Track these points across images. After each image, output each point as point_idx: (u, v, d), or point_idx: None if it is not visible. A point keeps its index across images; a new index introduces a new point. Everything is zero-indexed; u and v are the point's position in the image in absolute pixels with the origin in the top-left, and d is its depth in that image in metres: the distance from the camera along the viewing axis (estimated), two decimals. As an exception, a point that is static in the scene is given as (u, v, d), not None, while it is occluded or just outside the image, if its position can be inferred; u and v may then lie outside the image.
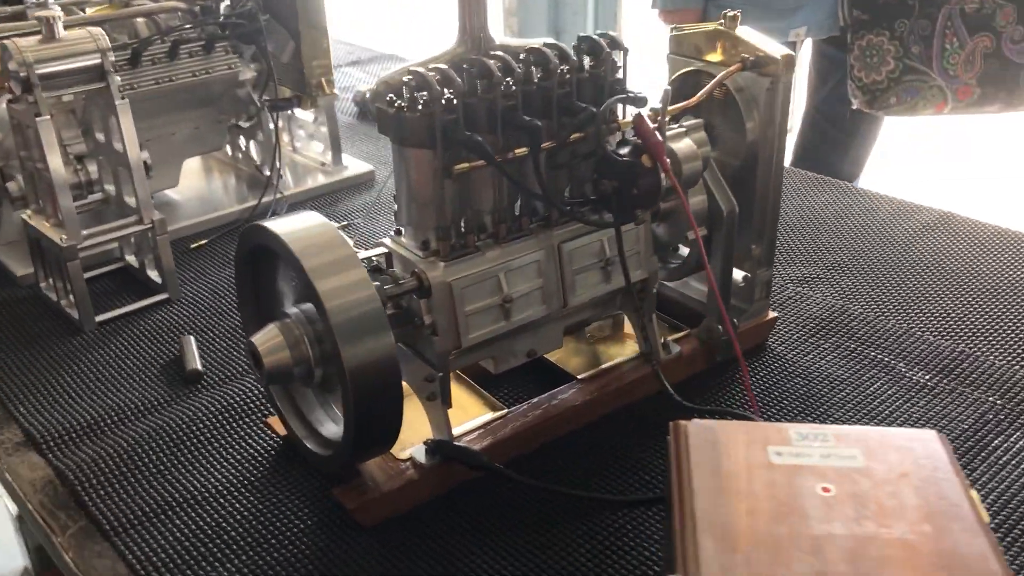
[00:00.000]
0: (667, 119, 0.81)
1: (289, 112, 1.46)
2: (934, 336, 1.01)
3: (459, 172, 0.75)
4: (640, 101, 0.80)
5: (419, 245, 0.79)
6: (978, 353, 0.98)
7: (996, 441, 0.85)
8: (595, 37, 0.81)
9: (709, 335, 0.95)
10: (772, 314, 1.01)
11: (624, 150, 0.79)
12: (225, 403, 0.93)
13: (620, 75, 0.82)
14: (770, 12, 1.75)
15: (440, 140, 0.74)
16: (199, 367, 0.98)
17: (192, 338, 1.03)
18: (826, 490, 0.55)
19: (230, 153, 1.48)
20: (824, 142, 1.99)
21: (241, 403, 0.93)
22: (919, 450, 0.58)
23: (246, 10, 1.30)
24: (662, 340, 0.93)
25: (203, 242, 1.27)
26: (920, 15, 1.75)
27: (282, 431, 0.85)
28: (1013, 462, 0.82)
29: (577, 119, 0.77)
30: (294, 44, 1.36)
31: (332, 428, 0.80)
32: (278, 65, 1.35)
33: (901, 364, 0.96)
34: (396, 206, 0.82)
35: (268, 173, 1.37)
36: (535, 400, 0.88)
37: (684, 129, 0.86)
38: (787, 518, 0.53)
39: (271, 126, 1.38)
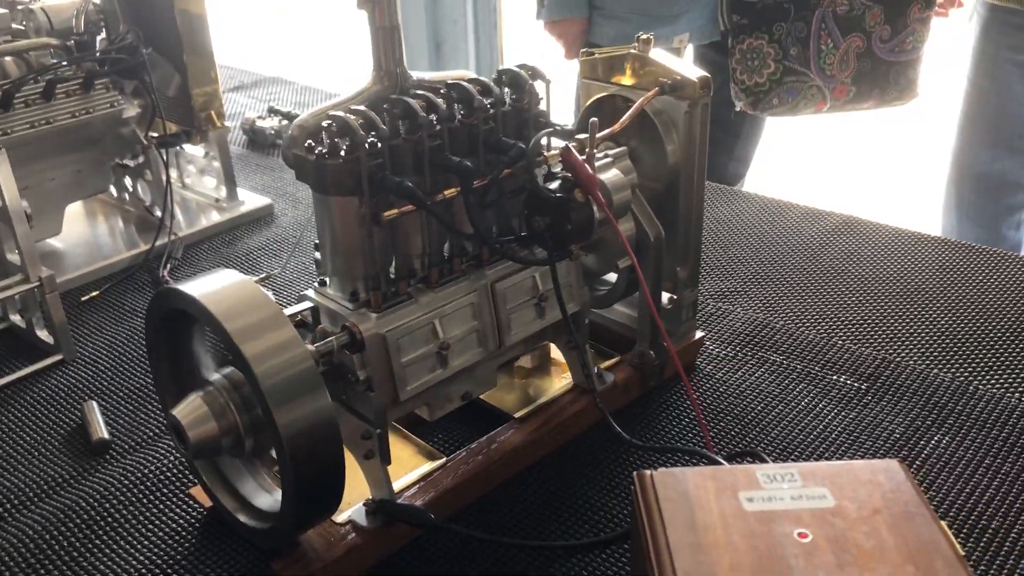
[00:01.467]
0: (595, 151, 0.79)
1: (178, 148, 1.39)
2: (855, 344, 1.03)
3: (388, 218, 0.71)
4: (567, 134, 0.78)
5: (347, 296, 0.75)
6: (899, 359, 1.00)
7: (928, 448, 0.87)
8: (516, 69, 0.79)
9: (642, 361, 0.94)
10: (699, 334, 1.01)
11: (553, 185, 0.77)
12: (139, 474, 0.86)
13: (542, 106, 0.80)
14: (653, 20, 1.77)
15: (367, 187, 0.70)
16: (106, 435, 0.91)
17: (94, 403, 0.96)
18: (803, 536, 0.54)
19: (116, 195, 1.39)
20: (710, 144, 2.03)
21: (157, 473, 0.87)
22: (886, 483, 0.58)
23: (126, 44, 1.22)
24: (595, 370, 0.91)
25: (95, 293, 1.18)
26: (796, 18, 1.80)
27: (207, 502, 0.79)
28: (947, 468, 0.84)
29: (507, 156, 0.75)
30: (179, 77, 1.29)
31: (267, 499, 0.74)
32: (163, 99, 1.28)
33: (828, 374, 0.97)
34: (318, 255, 0.78)
35: (159, 214, 1.30)
36: (474, 445, 0.84)
37: (611, 159, 0.85)
38: (771, 571, 0.51)
39: (160, 164, 1.30)
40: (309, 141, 0.71)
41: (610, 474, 0.85)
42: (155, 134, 1.29)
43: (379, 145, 0.70)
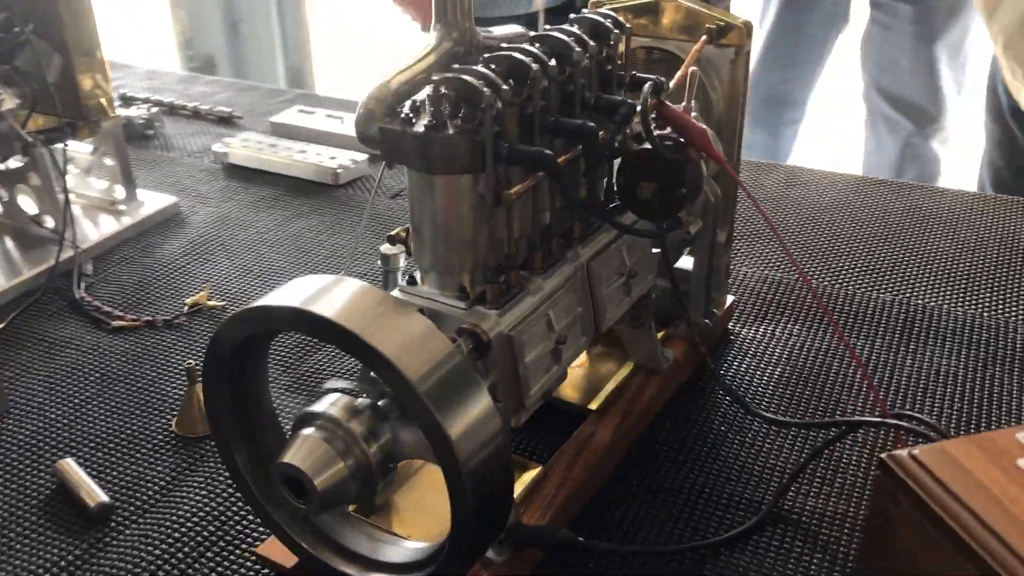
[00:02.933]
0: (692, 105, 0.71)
1: (63, 145, 1.16)
2: (873, 291, 1.01)
3: (513, 197, 0.60)
4: (661, 87, 0.69)
5: (455, 294, 0.63)
6: (920, 301, 0.99)
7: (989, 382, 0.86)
8: (594, 16, 0.69)
9: (700, 332, 0.87)
10: (730, 298, 0.95)
11: (661, 146, 0.68)
12: (169, 539, 0.70)
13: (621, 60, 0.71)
14: None
15: (491, 160, 0.58)
16: (105, 498, 0.74)
17: (70, 460, 0.77)
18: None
19: (-14, 206, 1.15)
20: None
21: (191, 534, 0.71)
22: None
23: None
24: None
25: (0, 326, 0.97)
26: None
27: (287, 562, 0.65)
28: None
29: (618, 115, 0.65)
30: (60, 58, 1.07)
31: (396, 550, 0.61)
32: (43, 87, 1.07)
33: (861, 324, 0.95)
34: (389, 248, 0.65)
35: (52, 225, 1.09)
36: (565, 448, 0.75)
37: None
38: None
39: (49, 164, 1.09)
40: (407, 111, 0.59)
41: (725, 458, 0.78)
42: (38, 129, 1.07)
43: (500, 110, 0.58)
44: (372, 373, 0.60)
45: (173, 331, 0.96)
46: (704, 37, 0.81)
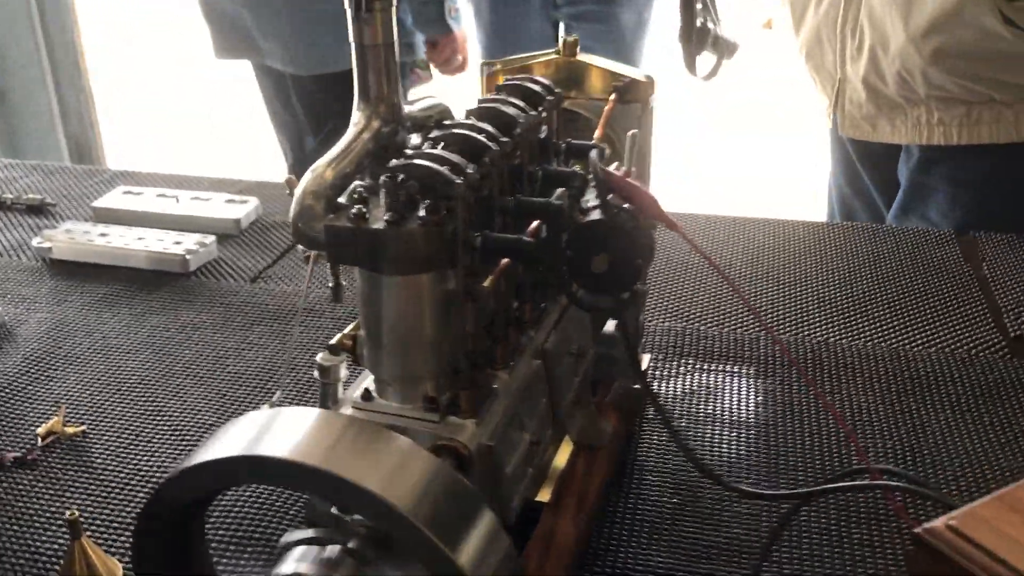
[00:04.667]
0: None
1: None
2: (784, 333, 1.01)
3: (489, 291, 0.53)
4: (601, 152, 0.65)
5: (422, 405, 0.55)
6: (825, 338, 1.00)
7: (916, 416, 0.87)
8: (525, 84, 0.64)
9: (629, 399, 0.83)
10: (647, 356, 0.92)
11: (613, 215, 0.63)
12: None
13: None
14: None
15: (462, 252, 0.52)
16: None
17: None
18: None
19: None
20: None
21: None
22: None
23: None
24: (593, 422, 0.79)
25: None
26: None
27: None
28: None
29: (572, 187, 0.60)
30: None
31: None
32: None
33: (768, 367, 0.95)
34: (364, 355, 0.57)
35: None
36: (529, 550, 0.68)
37: (621, 177, 0.73)
38: None
39: None
40: (359, 207, 0.51)
41: (687, 534, 0.73)
42: None
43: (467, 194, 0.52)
44: (333, 510, 0.52)
45: (28, 470, 0.81)
46: (613, 96, 0.78)
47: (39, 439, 0.85)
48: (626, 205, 0.63)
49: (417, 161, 0.51)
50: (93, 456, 0.83)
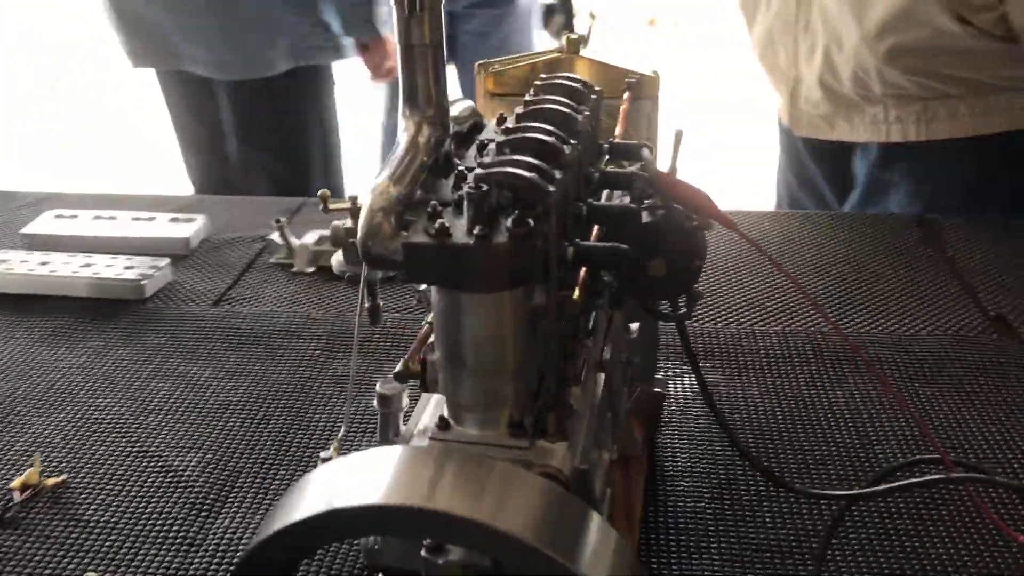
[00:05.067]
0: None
1: None
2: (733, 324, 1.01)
3: (579, 304, 0.50)
4: (649, 151, 0.62)
5: (507, 430, 0.51)
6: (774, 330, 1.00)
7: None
8: (569, 83, 0.61)
9: (652, 403, 0.81)
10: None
11: (672, 217, 0.61)
12: None
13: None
14: None
15: (555, 267, 0.48)
16: None
17: None
18: None
19: None
20: None
21: None
22: None
23: None
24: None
25: None
26: None
27: None
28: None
29: (634, 190, 0.57)
30: None
31: None
32: None
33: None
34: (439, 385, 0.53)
35: None
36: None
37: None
38: None
39: None
40: (440, 222, 0.47)
41: (742, 537, 0.71)
42: None
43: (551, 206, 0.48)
44: (423, 552, 0.48)
45: (11, 529, 0.73)
46: (628, 94, 0.76)
47: (15, 494, 0.76)
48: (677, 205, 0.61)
49: (507, 169, 0.47)
50: (81, 507, 0.76)
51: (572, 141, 0.53)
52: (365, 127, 2.52)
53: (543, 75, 0.63)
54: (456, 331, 0.50)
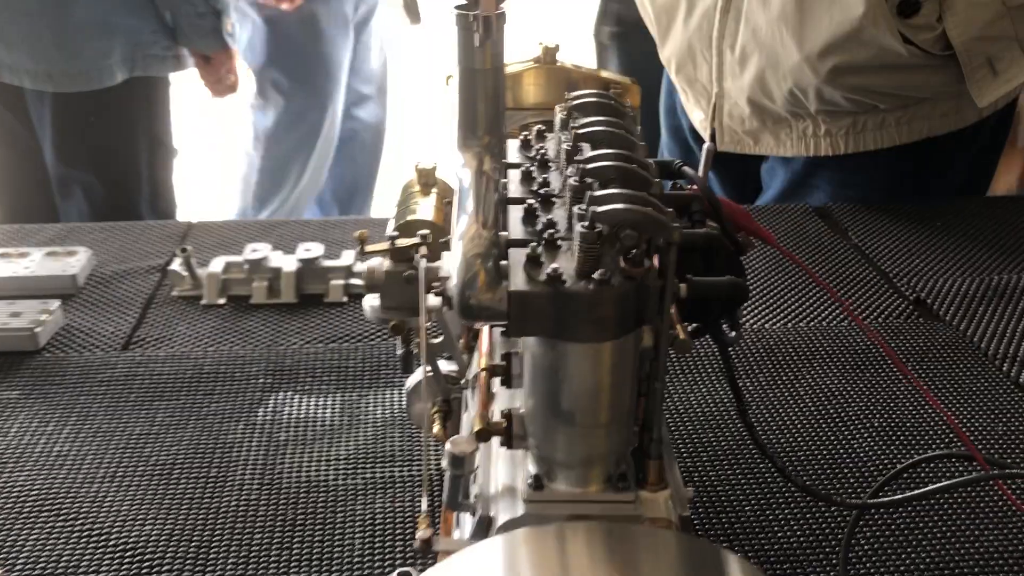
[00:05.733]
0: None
1: None
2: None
3: (690, 343, 0.47)
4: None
5: (605, 486, 0.47)
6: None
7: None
8: (600, 100, 0.57)
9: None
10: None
11: (718, 236, 0.58)
12: None
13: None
14: None
15: (668, 307, 0.44)
16: None
17: None
18: None
19: None
20: None
21: None
22: None
23: None
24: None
25: None
26: None
27: None
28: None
29: (694, 211, 0.54)
30: None
31: None
32: None
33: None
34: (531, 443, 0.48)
35: None
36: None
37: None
38: None
39: None
40: (553, 268, 0.42)
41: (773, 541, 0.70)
42: None
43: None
44: None
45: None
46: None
47: (-55, 602, 0.65)
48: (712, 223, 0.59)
49: (624, 206, 0.43)
50: (32, 609, 0.65)
51: (650, 166, 0.50)
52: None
53: (569, 93, 0.59)
54: (556, 384, 0.45)
